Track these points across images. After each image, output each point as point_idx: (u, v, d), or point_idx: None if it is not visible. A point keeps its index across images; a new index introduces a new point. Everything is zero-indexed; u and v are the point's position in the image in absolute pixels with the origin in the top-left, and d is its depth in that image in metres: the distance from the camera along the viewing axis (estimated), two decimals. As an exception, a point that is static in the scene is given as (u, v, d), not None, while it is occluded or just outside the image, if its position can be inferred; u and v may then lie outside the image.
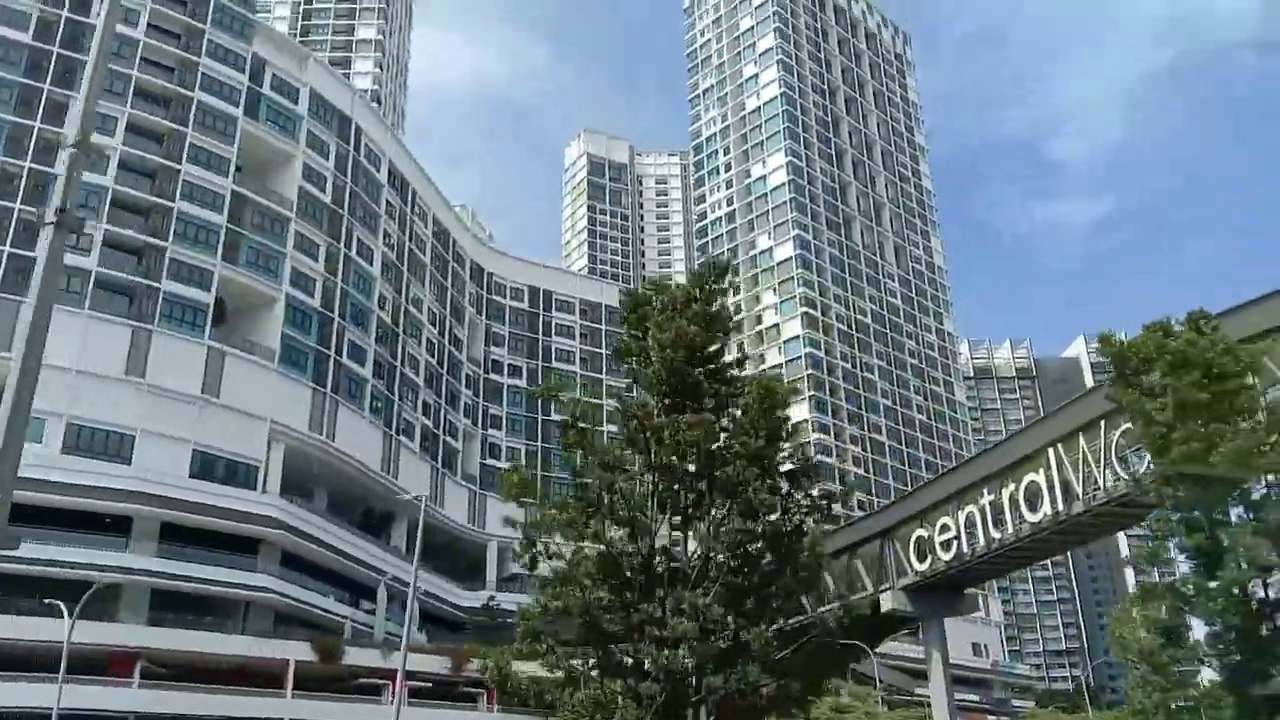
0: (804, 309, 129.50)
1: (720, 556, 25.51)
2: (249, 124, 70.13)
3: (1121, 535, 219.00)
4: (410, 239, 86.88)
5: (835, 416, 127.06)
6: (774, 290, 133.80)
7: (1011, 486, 40.85)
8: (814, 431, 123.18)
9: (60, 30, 63.56)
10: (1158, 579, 28.33)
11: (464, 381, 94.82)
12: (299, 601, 64.28)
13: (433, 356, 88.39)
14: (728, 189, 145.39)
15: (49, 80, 62.09)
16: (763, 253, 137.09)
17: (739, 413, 26.90)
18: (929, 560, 45.74)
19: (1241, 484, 24.88)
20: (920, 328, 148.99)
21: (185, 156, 65.64)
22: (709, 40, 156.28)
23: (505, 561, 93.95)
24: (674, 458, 25.59)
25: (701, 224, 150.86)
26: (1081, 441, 36.76)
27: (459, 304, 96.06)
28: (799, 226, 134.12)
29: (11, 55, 62.38)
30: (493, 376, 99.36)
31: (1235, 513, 25.68)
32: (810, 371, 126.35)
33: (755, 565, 26.47)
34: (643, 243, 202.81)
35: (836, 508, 31.01)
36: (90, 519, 56.29)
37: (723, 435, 26.76)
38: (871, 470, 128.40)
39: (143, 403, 59.52)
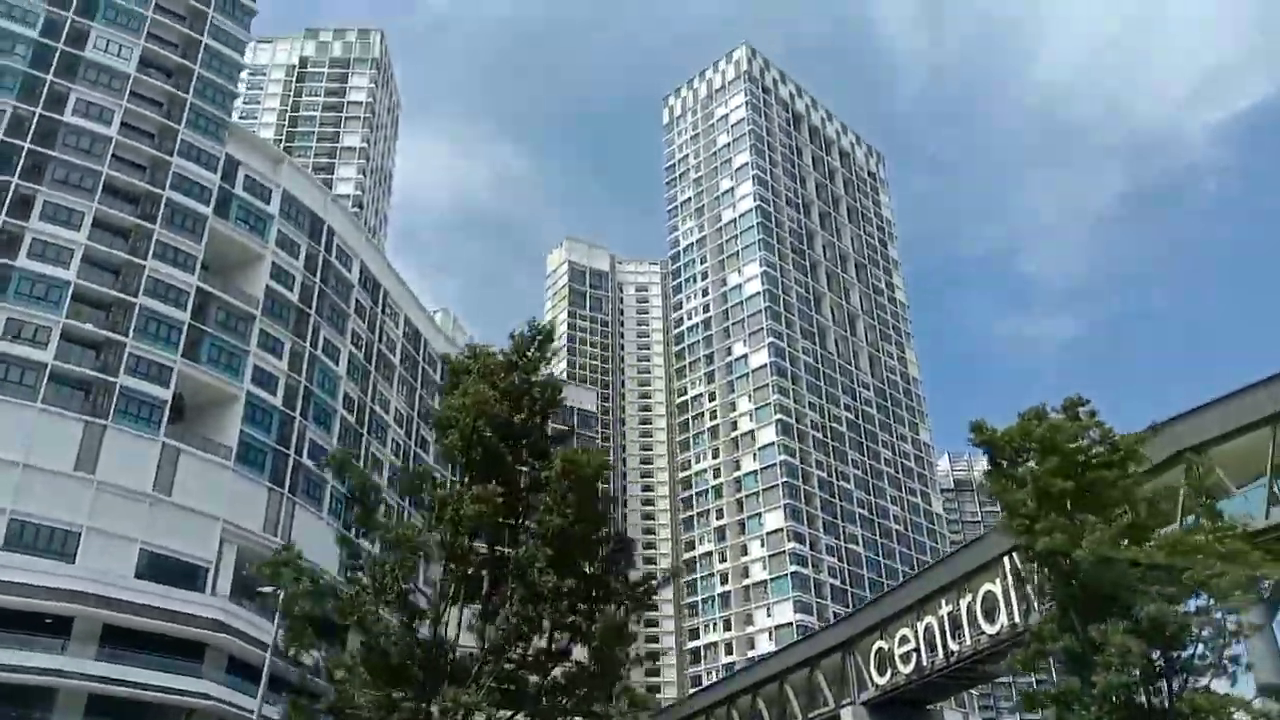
0: (779, 416, 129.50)
1: (505, 647, 22.78)
2: (219, 223, 70.40)
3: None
4: (380, 339, 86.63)
5: (810, 525, 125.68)
6: (749, 397, 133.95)
7: (969, 597, 40.03)
8: (789, 540, 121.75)
9: (32, 127, 64.24)
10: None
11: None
12: (243, 710, 61.60)
13: (398, 458, 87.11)
14: (704, 297, 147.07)
15: (17, 174, 62.38)
16: (738, 359, 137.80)
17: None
18: (889, 673, 44.50)
19: (1112, 581, 23.76)
20: (896, 437, 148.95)
21: (151, 253, 65.60)
22: (687, 155, 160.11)
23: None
24: (464, 537, 23.13)
25: (679, 330, 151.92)
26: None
27: (429, 406, 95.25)
28: (773, 335, 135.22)
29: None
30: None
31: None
32: (785, 479, 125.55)
33: (551, 659, 23.74)
34: (623, 349, 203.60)
35: (810, 620, 28.23)
36: (30, 619, 54.30)
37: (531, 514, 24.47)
38: (848, 581, 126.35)
39: (91, 499, 58.04)
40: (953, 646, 40.37)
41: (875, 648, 45.41)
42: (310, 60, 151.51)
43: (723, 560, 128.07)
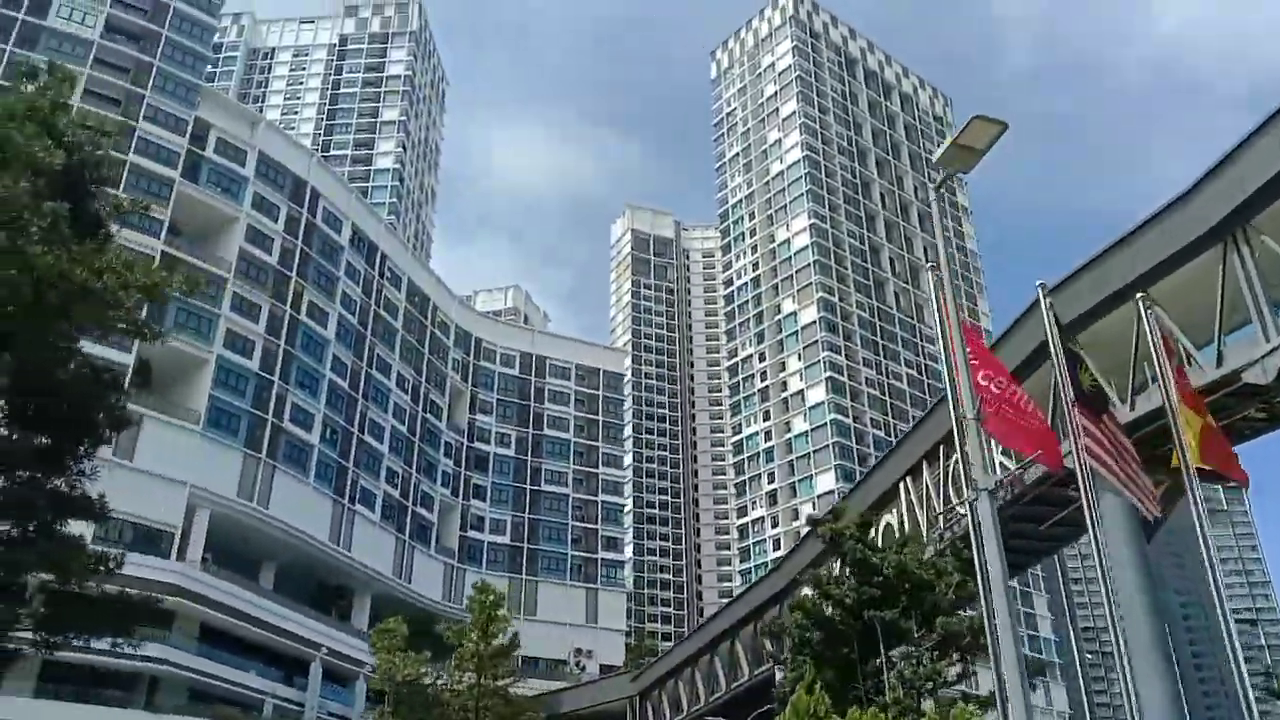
0: (829, 374, 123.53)
1: None
2: (188, 187, 69.44)
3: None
4: (378, 303, 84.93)
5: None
6: (799, 356, 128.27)
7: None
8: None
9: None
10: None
11: (443, 450, 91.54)
12: (206, 675, 60.76)
13: (403, 424, 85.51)
14: (753, 254, 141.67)
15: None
16: (787, 317, 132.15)
17: None
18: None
19: None
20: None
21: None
22: (735, 109, 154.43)
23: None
24: None
25: (728, 291, 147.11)
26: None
27: (439, 370, 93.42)
28: (824, 289, 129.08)
29: None
30: (478, 445, 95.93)
31: None
32: (836, 439, 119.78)
33: None
34: (689, 315, 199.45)
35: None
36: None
37: None
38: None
39: (43, 466, 57.60)
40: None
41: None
42: (350, 38, 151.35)
43: (774, 525, 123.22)
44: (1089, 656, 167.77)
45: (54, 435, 21.04)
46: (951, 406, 11.84)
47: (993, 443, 28.12)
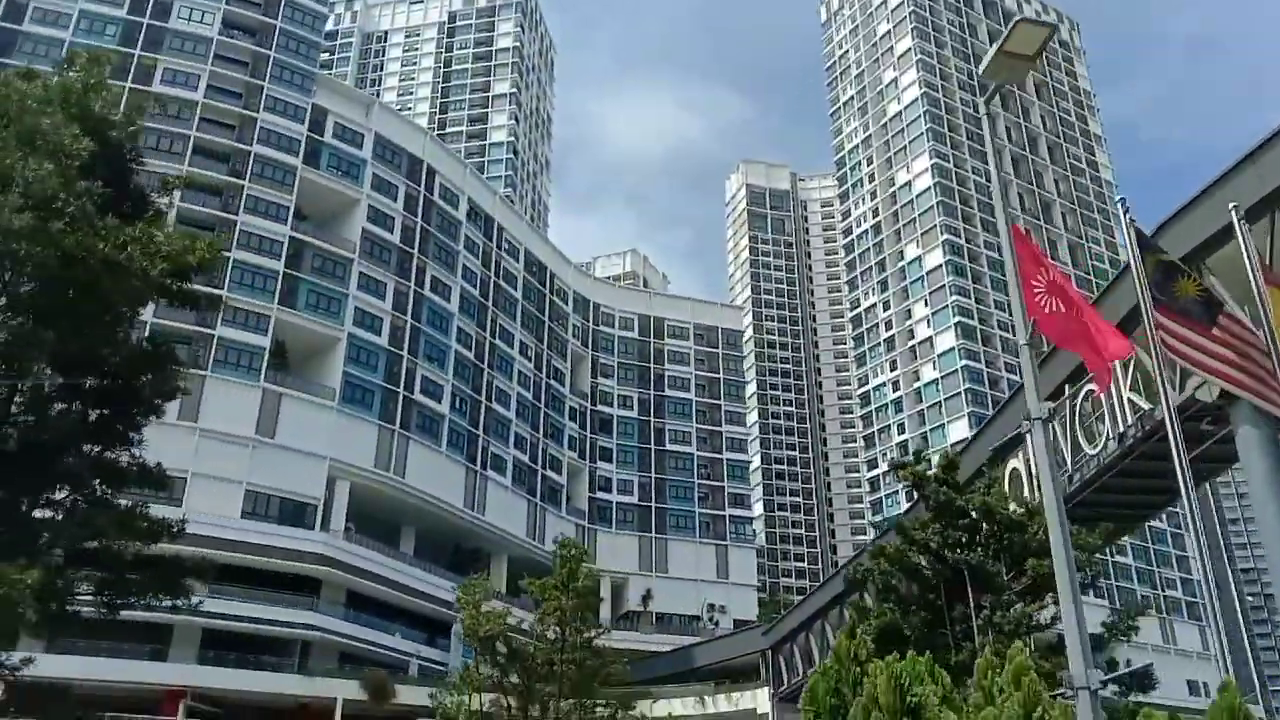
0: (958, 319, 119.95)
1: None
2: (310, 172, 71.86)
3: None
4: (497, 274, 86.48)
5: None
6: (925, 302, 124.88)
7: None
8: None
9: (122, 104, 67.70)
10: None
11: (568, 415, 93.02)
12: (353, 639, 63.70)
13: (527, 390, 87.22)
14: (872, 200, 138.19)
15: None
16: (911, 263, 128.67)
17: None
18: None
19: None
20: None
21: (243, 208, 67.84)
22: (846, 51, 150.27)
23: (621, 599, 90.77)
24: None
25: (848, 240, 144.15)
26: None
27: (560, 337, 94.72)
28: (949, 231, 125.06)
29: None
30: (601, 408, 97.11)
31: None
32: (968, 386, 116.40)
33: None
34: (809, 268, 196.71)
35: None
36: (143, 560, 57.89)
37: None
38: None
39: (194, 446, 60.98)
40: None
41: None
42: (458, 14, 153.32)
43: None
44: (1250, 599, 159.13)
45: (108, 408, 22.01)
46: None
47: (1124, 384, 26.88)
